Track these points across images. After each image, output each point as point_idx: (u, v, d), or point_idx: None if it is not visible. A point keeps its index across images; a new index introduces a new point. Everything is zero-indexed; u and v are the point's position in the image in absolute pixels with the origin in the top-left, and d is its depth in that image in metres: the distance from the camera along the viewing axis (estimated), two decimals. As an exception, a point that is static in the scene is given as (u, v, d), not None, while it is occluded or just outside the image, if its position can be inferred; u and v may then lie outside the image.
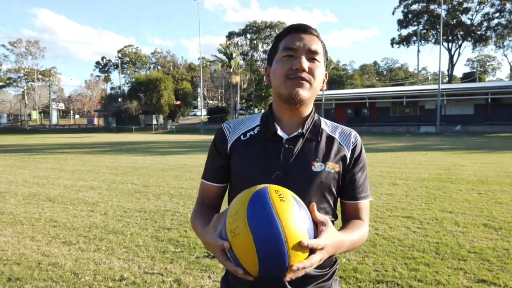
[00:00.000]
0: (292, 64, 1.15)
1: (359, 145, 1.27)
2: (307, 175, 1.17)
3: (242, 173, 1.22)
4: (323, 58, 1.22)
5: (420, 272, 3.51)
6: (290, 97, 1.17)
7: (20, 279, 3.46)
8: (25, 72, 76.62)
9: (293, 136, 1.21)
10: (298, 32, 1.19)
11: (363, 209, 1.27)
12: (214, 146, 1.31)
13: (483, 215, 5.45)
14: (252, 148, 1.23)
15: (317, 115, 1.30)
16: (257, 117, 1.31)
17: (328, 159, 1.20)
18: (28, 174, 10.21)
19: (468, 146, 19.19)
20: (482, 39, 63.21)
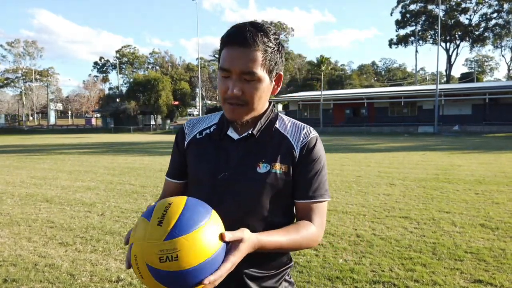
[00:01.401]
0: (227, 86, 1.13)
1: (312, 141, 1.21)
2: (251, 176, 1.16)
3: (192, 171, 1.21)
4: (265, 68, 1.13)
5: (416, 273, 3.51)
6: (231, 120, 1.19)
7: (16, 280, 3.45)
8: (23, 72, 76.46)
9: (243, 136, 1.20)
10: (233, 46, 1.11)
11: (314, 210, 1.19)
12: (175, 143, 1.33)
13: (480, 215, 5.46)
14: (204, 147, 1.24)
15: (275, 113, 1.26)
16: (218, 115, 1.31)
17: (276, 159, 1.17)
18: (26, 174, 10.18)
19: (465, 146, 19.23)
20: (480, 39, 63.41)
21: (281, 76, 1.22)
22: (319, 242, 1.21)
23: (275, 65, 1.17)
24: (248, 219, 1.14)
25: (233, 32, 1.12)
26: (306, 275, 3.49)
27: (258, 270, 1.18)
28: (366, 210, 5.87)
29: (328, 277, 3.45)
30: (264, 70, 1.14)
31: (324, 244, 4.30)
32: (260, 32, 1.12)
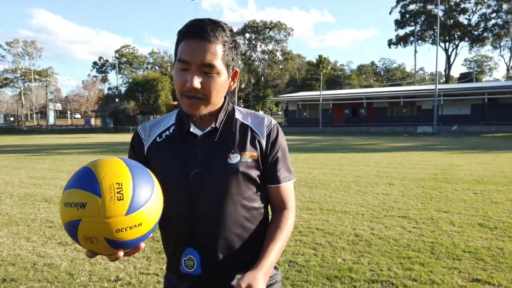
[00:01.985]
0: (185, 79, 1.12)
1: (275, 129, 1.26)
2: (224, 168, 1.17)
3: (161, 175, 1.16)
4: (225, 62, 1.15)
5: (415, 272, 3.52)
6: (189, 115, 1.19)
7: (15, 280, 3.45)
8: (22, 72, 76.41)
9: (207, 131, 1.21)
10: (193, 39, 1.11)
11: (286, 191, 1.27)
12: (132, 151, 1.29)
13: (479, 215, 5.47)
14: (168, 149, 1.22)
15: (231, 105, 1.29)
16: (173, 115, 1.30)
17: (244, 148, 1.20)
18: (25, 174, 10.18)
19: (464, 146, 19.26)
20: (479, 39, 63.50)
21: (237, 72, 1.24)
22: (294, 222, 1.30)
23: (232, 61, 1.19)
24: (225, 209, 1.17)
25: (193, 25, 1.13)
26: (305, 274, 3.49)
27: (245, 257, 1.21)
28: (365, 209, 5.88)
29: (327, 276, 3.46)
30: (223, 64, 1.15)
31: (323, 244, 4.31)
32: (219, 27, 1.13)
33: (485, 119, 34.75)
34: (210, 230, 1.17)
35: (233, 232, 1.18)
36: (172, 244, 1.25)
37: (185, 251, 1.19)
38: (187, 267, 1.19)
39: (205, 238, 1.17)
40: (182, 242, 1.20)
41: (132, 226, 0.91)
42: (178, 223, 1.20)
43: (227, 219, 1.17)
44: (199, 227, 1.17)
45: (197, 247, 1.18)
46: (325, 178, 8.98)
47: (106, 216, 0.89)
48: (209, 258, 1.18)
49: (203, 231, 1.17)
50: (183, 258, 1.19)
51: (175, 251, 1.23)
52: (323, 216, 5.50)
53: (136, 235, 0.93)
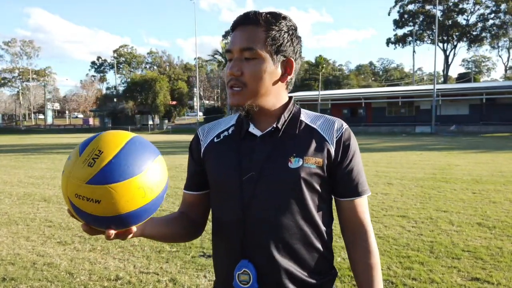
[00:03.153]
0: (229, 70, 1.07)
1: (346, 134, 1.11)
2: (282, 173, 1.05)
3: (215, 176, 1.12)
4: (271, 46, 1.06)
5: (414, 271, 3.53)
6: (232, 107, 1.10)
7: (15, 279, 3.45)
8: (20, 72, 76.23)
9: (267, 132, 1.09)
10: (237, 27, 1.08)
11: (361, 206, 1.12)
12: (190, 153, 1.24)
13: (477, 214, 5.49)
14: (225, 149, 1.13)
15: (297, 107, 1.18)
16: (235, 116, 1.22)
17: (307, 153, 1.06)
18: (23, 174, 10.16)
19: (463, 146, 19.30)
20: (477, 39, 63.62)
21: (291, 62, 1.11)
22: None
23: (281, 46, 1.07)
24: (283, 219, 1.04)
25: (239, 16, 1.09)
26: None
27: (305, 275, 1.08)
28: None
29: (327, 275, 3.46)
30: (266, 49, 1.05)
31: (322, 243, 4.31)
32: (268, 14, 1.07)
33: (483, 119, 34.82)
34: (266, 241, 1.04)
35: (292, 247, 1.05)
36: (224, 255, 1.12)
37: (239, 263, 1.06)
38: (241, 283, 1.05)
39: (261, 251, 1.04)
40: (235, 253, 1.07)
41: (89, 198, 0.83)
42: (230, 230, 1.09)
43: (284, 231, 1.04)
44: (254, 238, 1.05)
45: (252, 259, 1.05)
46: (324, 177, 8.99)
47: (72, 175, 0.85)
48: (266, 273, 1.04)
49: (258, 243, 1.05)
50: (237, 272, 1.06)
51: (227, 263, 1.10)
52: (322, 216, 5.50)
53: (92, 211, 0.85)
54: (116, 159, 0.86)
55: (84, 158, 0.85)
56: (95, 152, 0.85)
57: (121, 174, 0.85)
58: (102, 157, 0.85)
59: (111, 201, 0.84)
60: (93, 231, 0.92)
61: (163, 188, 0.94)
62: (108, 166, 0.84)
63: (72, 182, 0.85)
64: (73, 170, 0.86)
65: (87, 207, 0.85)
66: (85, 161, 0.85)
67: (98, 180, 0.83)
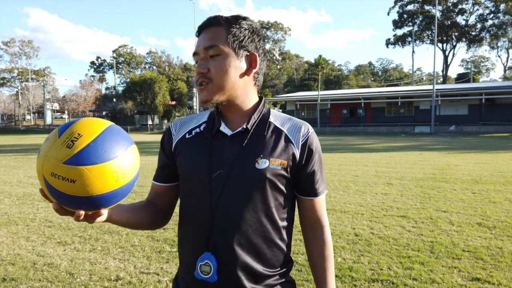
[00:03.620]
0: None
1: (311, 138, 1.18)
2: (249, 173, 1.10)
3: (185, 172, 1.16)
4: (233, 43, 1.11)
5: (415, 271, 3.53)
6: (203, 104, 1.15)
7: (15, 280, 3.45)
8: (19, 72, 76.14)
9: (237, 132, 1.15)
10: (200, 32, 1.15)
11: (320, 204, 1.22)
12: (161, 146, 1.28)
13: (477, 214, 5.49)
14: (196, 146, 1.18)
15: (267, 108, 1.23)
16: (207, 113, 1.27)
17: (274, 154, 1.12)
18: (23, 174, 10.15)
19: (462, 146, 19.32)
20: (476, 40, 63.65)
21: (255, 56, 1.16)
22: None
23: (243, 42, 1.13)
24: (247, 216, 1.11)
25: (203, 22, 1.16)
26: (305, 274, 3.50)
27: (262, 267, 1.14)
28: (364, 209, 5.90)
29: (327, 275, 3.46)
30: (228, 45, 1.11)
31: (323, 243, 4.31)
32: (229, 16, 1.14)
33: (482, 119, 34.85)
34: (229, 236, 1.10)
35: (253, 242, 1.12)
36: (189, 246, 1.18)
37: (202, 255, 1.12)
38: (202, 273, 1.12)
39: (224, 244, 1.11)
40: (199, 245, 1.13)
41: (65, 177, 0.87)
42: (197, 224, 1.14)
43: (247, 228, 1.10)
44: (219, 231, 1.11)
45: (215, 252, 1.11)
46: (324, 178, 8.99)
47: (50, 155, 0.89)
48: (226, 266, 1.11)
49: (222, 236, 1.11)
50: (199, 263, 1.12)
51: (191, 254, 1.16)
52: (322, 216, 5.50)
53: (68, 190, 0.88)
54: (94, 143, 0.90)
55: (63, 140, 0.89)
56: (74, 135, 0.90)
57: (97, 157, 0.89)
58: (81, 140, 0.89)
59: (86, 182, 0.88)
60: (63, 211, 0.94)
61: (135, 175, 0.99)
62: (86, 149, 0.89)
63: (50, 161, 0.88)
64: (51, 150, 0.89)
65: (61, 186, 0.88)
66: (64, 143, 0.89)
67: (75, 161, 0.88)
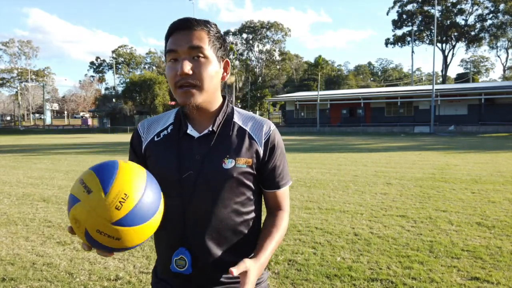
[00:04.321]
0: (176, 70, 1.13)
1: (273, 136, 1.24)
2: (218, 173, 1.16)
3: (156, 174, 1.17)
4: (213, 49, 1.16)
5: (414, 270, 3.54)
6: (184, 106, 1.17)
7: (14, 279, 3.45)
8: (18, 72, 76.10)
9: (204, 134, 1.20)
10: (179, 30, 1.15)
11: (282, 195, 1.29)
12: (131, 147, 1.31)
13: (477, 214, 5.50)
14: (165, 149, 1.22)
15: (230, 107, 1.28)
16: (172, 114, 1.30)
17: (239, 154, 1.19)
18: (22, 174, 10.14)
19: (461, 146, 19.33)
20: (475, 40, 63.68)
21: (228, 62, 1.24)
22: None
23: (220, 49, 1.20)
24: (217, 212, 1.17)
25: (177, 21, 1.16)
26: (304, 273, 3.50)
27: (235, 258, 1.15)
28: (363, 209, 5.90)
29: (326, 275, 3.47)
30: (211, 50, 1.16)
31: (322, 243, 4.32)
32: (201, 20, 1.17)
33: (482, 119, 34.88)
34: (202, 232, 1.17)
35: (224, 235, 1.19)
36: (164, 243, 1.24)
37: (176, 250, 1.19)
38: (178, 267, 1.18)
39: (197, 240, 1.18)
40: (174, 241, 1.20)
41: (110, 235, 0.92)
42: (171, 223, 1.19)
43: (218, 223, 1.18)
44: (191, 229, 1.18)
45: (188, 247, 1.18)
46: (323, 177, 9.00)
47: (97, 214, 0.91)
48: (200, 259, 1.18)
49: (194, 233, 1.18)
50: (175, 258, 1.19)
51: (167, 250, 1.22)
52: (322, 216, 5.51)
53: (110, 244, 0.95)
54: (140, 204, 0.95)
55: (111, 200, 0.92)
56: (121, 195, 0.93)
57: (142, 218, 0.96)
58: (128, 201, 0.93)
59: (129, 238, 0.95)
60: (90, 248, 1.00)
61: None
62: (133, 211, 0.94)
63: (97, 220, 0.92)
64: (98, 208, 0.92)
65: (105, 241, 0.93)
66: (112, 203, 0.92)
67: (123, 223, 0.93)
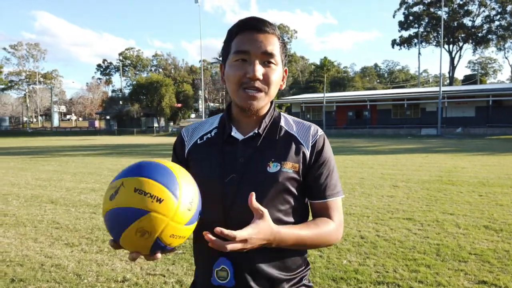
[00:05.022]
0: (245, 71, 1.07)
1: (321, 140, 1.18)
2: (262, 177, 1.11)
3: (198, 177, 1.13)
4: (280, 57, 1.14)
5: (420, 274, 3.52)
6: (244, 108, 1.12)
7: (23, 280, 3.49)
8: (27, 75, 76.84)
9: (249, 136, 1.16)
10: (251, 30, 1.08)
11: (331, 208, 1.17)
12: (174, 152, 1.29)
13: (484, 217, 5.46)
14: (208, 151, 1.19)
15: (277, 111, 1.24)
16: (217, 118, 1.27)
17: (285, 158, 1.13)
18: (30, 176, 10.24)
19: (469, 148, 19.18)
20: (483, 41, 63.29)
21: (286, 71, 1.21)
22: (339, 239, 1.18)
23: (285, 58, 1.17)
24: None
25: (250, 19, 1.11)
26: (311, 276, 3.50)
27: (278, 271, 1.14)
28: (369, 211, 5.88)
29: (333, 277, 3.47)
30: (280, 57, 1.13)
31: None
32: (272, 23, 1.13)
33: (490, 121, 34.59)
34: None
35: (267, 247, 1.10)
36: (205, 252, 1.15)
37: (217, 260, 1.12)
38: (219, 279, 1.11)
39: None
40: (215, 250, 1.09)
41: (182, 236, 0.96)
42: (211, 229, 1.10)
43: None
44: None
45: (230, 257, 1.10)
46: (329, 180, 8.97)
47: (174, 220, 0.93)
48: (242, 270, 1.11)
49: None
50: (216, 269, 1.12)
51: (207, 260, 1.15)
52: (328, 218, 5.50)
53: (175, 244, 0.98)
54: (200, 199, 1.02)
55: (186, 205, 0.96)
56: (189, 200, 0.97)
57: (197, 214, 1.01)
58: (195, 203, 0.99)
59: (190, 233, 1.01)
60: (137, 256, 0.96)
61: None
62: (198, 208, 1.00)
63: (172, 225, 0.93)
64: (176, 215, 0.94)
65: (175, 242, 0.97)
66: (186, 207, 0.96)
67: (193, 221, 0.99)
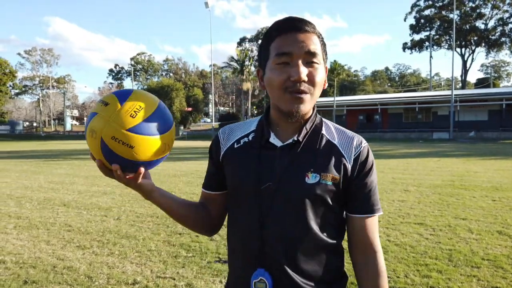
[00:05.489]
0: (288, 74, 1.01)
1: (364, 152, 1.11)
2: (299, 187, 1.05)
3: (233, 182, 1.12)
4: (322, 55, 1.07)
5: (432, 279, 3.48)
6: (290, 114, 1.05)
7: (36, 282, 3.54)
8: (40, 79, 78.11)
9: (288, 143, 1.09)
10: (292, 31, 1.03)
11: (371, 226, 1.11)
12: (210, 154, 1.25)
13: (498, 222, 5.37)
14: (244, 156, 1.13)
15: (319, 117, 1.16)
16: (255, 121, 1.20)
17: (325, 169, 1.06)
18: (43, 179, 10.39)
19: (482, 152, 18.91)
20: (496, 44, 62.43)
21: (327, 68, 1.12)
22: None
23: (326, 56, 1.10)
24: (297, 232, 1.06)
25: (287, 20, 1.06)
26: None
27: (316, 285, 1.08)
28: (380, 216, 5.82)
29: (343, 282, 3.44)
30: (323, 57, 1.07)
31: (338, 250, 4.29)
32: (311, 22, 1.07)
33: (503, 125, 34.06)
34: (281, 252, 1.05)
35: (303, 260, 1.06)
36: (240, 259, 1.12)
37: (255, 271, 1.06)
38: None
39: (276, 260, 1.05)
40: (251, 260, 1.08)
41: (124, 142, 0.99)
42: (247, 238, 1.09)
43: (297, 245, 1.05)
44: (270, 247, 1.05)
45: (268, 268, 1.05)
46: (339, 184, 8.92)
47: (113, 120, 1.00)
48: (281, 283, 1.05)
49: (273, 252, 1.05)
50: (253, 280, 1.06)
51: (244, 270, 1.10)
52: (338, 222, 5.47)
53: (124, 154, 1.01)
54: (153, 117, 1.04)
55: (126, 109, 1.01)
56: (136, 107, 1.02)
57: (155, 130, 1.04)
58: (142, 112, 1.02)
59: (141, 148, 1.02)
60: (105, 171, 1.05)
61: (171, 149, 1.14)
62: (147, 121, 1.02)
63: (112, 126, 1.00)
64: (114, 115, 1.00)
65: (119, 149, 1.00)
66: (127, 111, 1.01)
67: (137, 130, 1.01)
